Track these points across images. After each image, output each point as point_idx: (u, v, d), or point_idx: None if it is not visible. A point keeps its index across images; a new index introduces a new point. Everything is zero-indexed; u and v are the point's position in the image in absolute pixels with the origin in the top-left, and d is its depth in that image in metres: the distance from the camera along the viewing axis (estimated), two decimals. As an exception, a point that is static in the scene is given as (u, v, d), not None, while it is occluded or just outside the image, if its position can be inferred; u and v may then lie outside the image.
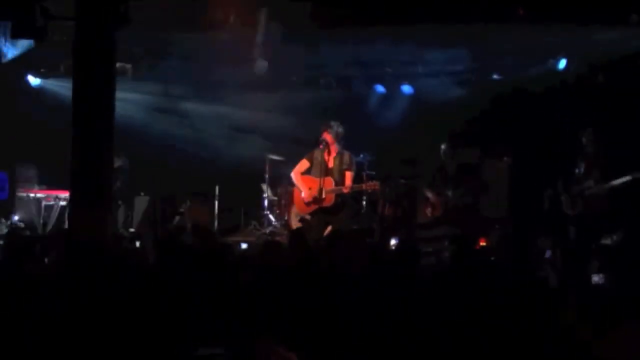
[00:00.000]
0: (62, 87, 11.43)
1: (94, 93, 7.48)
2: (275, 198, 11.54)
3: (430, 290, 5.03)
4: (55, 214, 10.83)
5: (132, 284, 4.55)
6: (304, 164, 9.39)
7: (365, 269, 5.47)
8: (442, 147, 10.28)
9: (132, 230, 11.01)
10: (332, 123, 9.25)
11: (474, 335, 3.72)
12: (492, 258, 6.74)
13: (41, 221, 10.67)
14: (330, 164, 9.21)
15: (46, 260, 5.47)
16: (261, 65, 11.06)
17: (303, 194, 9.29)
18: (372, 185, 9.36)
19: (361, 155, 10.92)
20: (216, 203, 11.62)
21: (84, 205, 6.93)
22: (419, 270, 5.65)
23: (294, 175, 9.47)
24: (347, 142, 9.51)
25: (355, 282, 5.04)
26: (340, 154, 9.23)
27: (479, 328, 3.82)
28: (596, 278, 4.97)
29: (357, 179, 9.54)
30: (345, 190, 9.12)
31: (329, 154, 9.22)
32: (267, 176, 11.39)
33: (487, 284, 4.81)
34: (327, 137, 9.16)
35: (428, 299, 4.59)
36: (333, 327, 4.10)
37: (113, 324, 3.73)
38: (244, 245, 10.06)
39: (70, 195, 7.22)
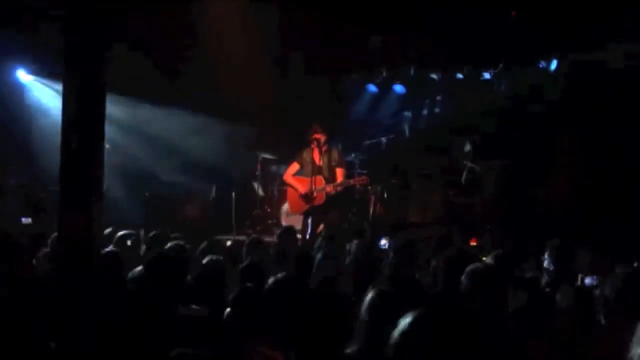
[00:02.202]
0: (52, 84, 11.39)
1: (85, 91, 7.45)
2: (265, 196, 11.54)
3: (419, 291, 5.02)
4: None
5: (121, 283, 4.53)
6: (294, 167, 9.45)
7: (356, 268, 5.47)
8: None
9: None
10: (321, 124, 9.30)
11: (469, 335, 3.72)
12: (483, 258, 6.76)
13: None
14: (320, 163, 9.23)
15: (34, 261, 5.44)
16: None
17: (300, 192, 9.31)
18: (360, 180, 9.38)
19: (352, 155, 10.91)
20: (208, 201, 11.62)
21: (74, 203, 6.89)
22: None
23: (286, 177, 9.53)
24: (339, 142, 9.54)
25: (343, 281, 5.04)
26: (328, 152, 9.26)
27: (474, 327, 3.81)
28: (588, 280, 4.97)
29: (347, 177, 9.56)
30: (332, 188, 9.12)
31: (319, 153, 9.23)
32: (258, 174, 11.37)
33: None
34: (321, 136, 9.17)
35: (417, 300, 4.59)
36: (321, 326, 4.09)
37: (101, 323, 3.71)
38: (227, 243, 10.06)
39: (61, 194, 7.18)
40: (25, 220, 10.16)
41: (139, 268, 5.01)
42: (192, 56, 10.98)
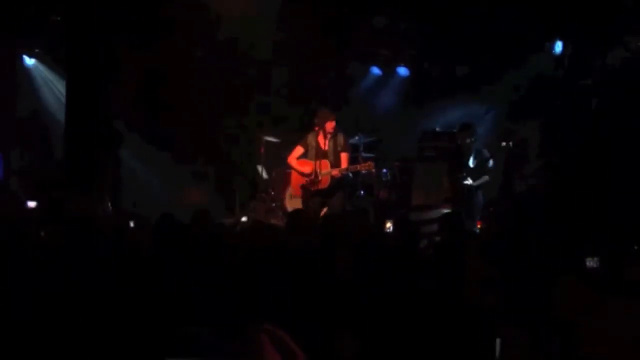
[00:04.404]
0: (55, 68, 11.39)
1: (88, 77, 7.49)
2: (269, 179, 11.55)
3: (425, 271, 5.05)
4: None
5: (125, 264, 4.55)
6: (298, 150, 9.46)
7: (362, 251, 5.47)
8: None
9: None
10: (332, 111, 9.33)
11: (470, 314, 3.75)
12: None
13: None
14: (325, 147, 9.25)
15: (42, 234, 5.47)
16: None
17: (304, 175, 9.35)
18: (366, 165, 9.38)
19: (357, 137, 10.90)
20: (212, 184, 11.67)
21: (79, 184, 6.94)
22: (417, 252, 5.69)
23: (290, 160, 9.54)
24: (343, 125, 9.54)
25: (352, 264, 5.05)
26: (334, 137, 9.26)
27: (475, 306, 3.84)
28: (590, 262, 4.97)
29: (352, 161, 9.57)
30: (339, 172, 9.14)
31: (324, 137, 9.24)
32: (262, 157, 11.37)
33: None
34: (332, 124, 9.17)
35: (425, 280, 4.62)
36: (327, 307, 4.11)
37: (106, 302, 3.73)
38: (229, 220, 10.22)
39: (65, 175, 7.23)
40: (31, 204, 10.20)
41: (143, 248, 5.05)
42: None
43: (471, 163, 9.54)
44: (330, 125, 9.17)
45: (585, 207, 8.59)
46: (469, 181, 9.42)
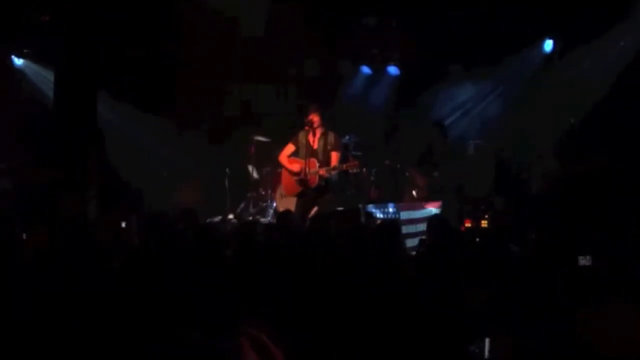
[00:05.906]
0: (45, 69, 11.33)
1: (77, 76, 7.45)
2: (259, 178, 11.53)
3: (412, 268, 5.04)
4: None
5: (115, 265, 4.53)
6: (289, 148, 9.42)
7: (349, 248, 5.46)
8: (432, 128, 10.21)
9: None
10: (316, 105, 9.29)
11: (461, 310, 3.74)
12: (477, 239, 6.78)
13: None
14: (315, 145, 9.22)
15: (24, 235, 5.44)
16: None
17: (294, 176, 9.32)
18: (352, 164, 9.33)
19: (347, 137, 10.89)
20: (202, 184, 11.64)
21: (69, 185, 6.90)
22: (401, 248, 5.68)
23: (281, 159, 9.50)
24: (333, 123, 9.51)
25: (339, 262, 5.04)
26: (325, 135, 9.22)
27: (465, 303, 3.83)
28: (583, 260, 4.97)
29: (343, 161, 9.54)
30: (326, 172, 9.10)
31: (314, 135, 9.20)
32: (252, 157, 11.36)
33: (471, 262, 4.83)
34: (315, 118, 9.14)
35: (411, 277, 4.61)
36: (313, 306, 4.09)
37: (94, 305, 3.71)
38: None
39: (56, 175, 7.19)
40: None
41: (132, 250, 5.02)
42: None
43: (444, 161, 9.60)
44: (314, 117, 9.13)
45: (583, 205, 8.60)
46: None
